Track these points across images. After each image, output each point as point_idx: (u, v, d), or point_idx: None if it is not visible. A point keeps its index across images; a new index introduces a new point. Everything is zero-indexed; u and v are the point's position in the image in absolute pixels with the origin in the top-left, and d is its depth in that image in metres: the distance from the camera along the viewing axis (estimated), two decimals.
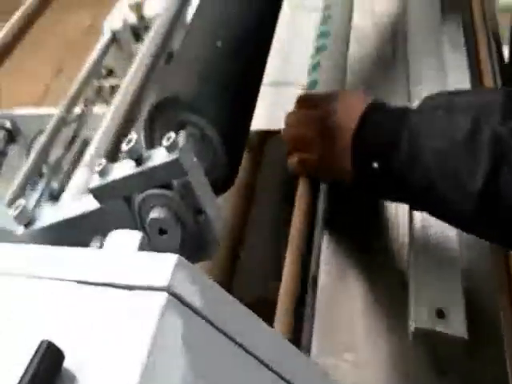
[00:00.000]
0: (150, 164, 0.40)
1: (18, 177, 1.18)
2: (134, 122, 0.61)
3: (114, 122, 0.57)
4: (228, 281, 0.64)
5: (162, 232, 0.42)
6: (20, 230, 0.46)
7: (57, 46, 2.99)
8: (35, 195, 1.30)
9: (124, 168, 0.41)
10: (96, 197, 0.43)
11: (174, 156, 0.39)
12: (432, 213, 0.61)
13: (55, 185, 1.31)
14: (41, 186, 1.30)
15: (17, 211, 0.44)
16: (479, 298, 0.64)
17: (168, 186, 0.41)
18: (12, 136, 1.55)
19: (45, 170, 1.31)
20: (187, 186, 0.40)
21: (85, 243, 0.44)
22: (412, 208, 0.66)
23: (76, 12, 2.90)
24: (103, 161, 0.42)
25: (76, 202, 0.47)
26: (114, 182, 0.42)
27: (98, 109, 1.46)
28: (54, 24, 2.62)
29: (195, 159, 0.41)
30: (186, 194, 0.41)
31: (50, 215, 0.46)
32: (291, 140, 0.66)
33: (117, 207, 0.43)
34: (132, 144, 0.40)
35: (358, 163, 0.60)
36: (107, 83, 1.46)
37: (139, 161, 0.41)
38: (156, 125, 0.47)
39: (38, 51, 2.48)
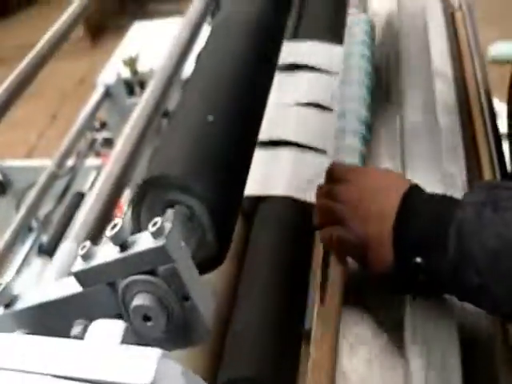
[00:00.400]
0: (135, 250, 0.39)
1: (7, 233, 1.17)
2: (124, 189, 0.59)
3: (102, 195, 0.55)
4: (215, 362, 0.62)
5: (146, 319, 0.40)
6: (0, 310, 0.44)
7: (51, 95, 3.00)
8: (24, 250, 1.28)
9: (108, 252, 0.40)
10: (79, 281, 0.42)
11: (159, 242, 0.38)
12: (475, 304, 0.59)
13: (45, 239, 1.30)
14: (30, 240, 1.29)
15: None
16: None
17: (153, 272, 0.39)
18: (3, 187, 1.55)
19: (34, 224, 1.30)
20: (173, 273, 0.39)
21: (68, 326, 0.43)
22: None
23: (71, 61, 2.93)
24: (87, 243, 0.41)
25: (59, 283, 0.45)
26: (97, 266, 0.40)
27: (90, 161, 1.46)
28: (49, 73, 2.64)
29: (182, 244, 0.39)
30: (171, 281, 0.39)
31: (31, 296, 0.45)
32: (324, 213, 0.65)
33: (100, 292, 0.42)
34: (117, 229, 0.38)
35: (399, 256, 0.59)
36: (100, 136, 1.47)
37: (124, 246, 0.39)
38: (144, 204, 0.45)
39: (32, 99, 2.49)
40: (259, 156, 0.77)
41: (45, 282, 0.49)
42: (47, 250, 1.26)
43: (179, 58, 0.79)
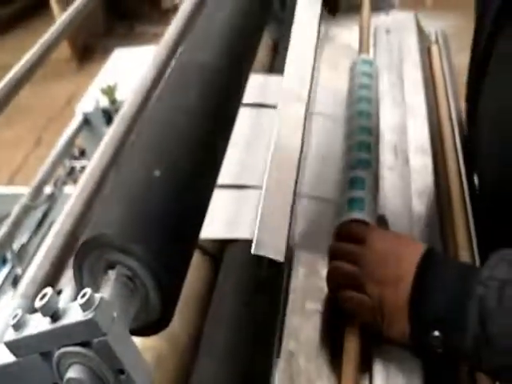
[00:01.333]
0: (65, 322, 0.37)
1: None
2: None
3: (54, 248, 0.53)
4: None
5: None
6: None
7: (37, 117, 2.99)
8: None
9: (39, 323, 0.38)
10: (11, 350, 0.40)
11: (88, 316, 0.36)
12: (496, 379, 0.60)
13: (19, 271, 1.27)
14: (4, 272, 1.27)
15: None
16: None
17: (87, 344, 0.37)
18: None
19: (9, 256, 1.27)
20: (105, 346, 0.37)
21: None
22: None
23: (57, 83, 2.93)
24: (19, 312, 0.39)
25: None
26: (28, 337, 0.38)
27: (68, 189, 1.44)
28: (35, 94, 2.62)
29: (115, 315, 0.37)
30: (104, 354, 0.37)
31: None
32: (339, 275, 0.65)
33: (34, 362, 0.40)
34: (46, 299, 0.37)
35: (415, 328, 0.59)
36: (79, 164, 1.45)
37: (54, 317, 0.37)
38: (84, 265, 0.43)
39: (18, 121, 2.48)
40: (227, 197, 0.75)
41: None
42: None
43: (150, 87, 0.77)
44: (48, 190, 1.42)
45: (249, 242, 0.73)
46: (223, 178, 0.58)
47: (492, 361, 0.54)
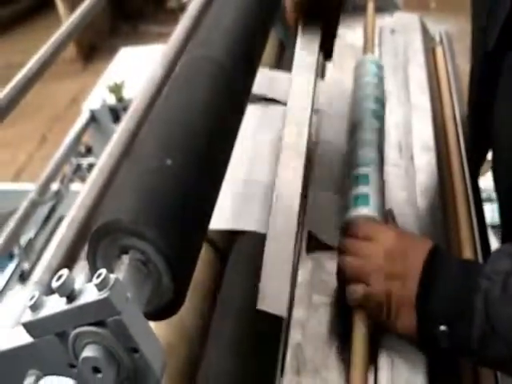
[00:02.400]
0: (81, 302, 0.38)
1: None
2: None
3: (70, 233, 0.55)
4: None
5: (95, 370, 0.40)
6: None
7: (42, 116, 3.01)
8: (5, 277, 1.27)
9: (55, 303, 0.39)
10: (28, 331, 0.41)
11: (103, 295, 0.37)
12: (504, 372, 0.62)
13: (26, 266, 1.29)
14: (11, 267, 1.28)
15: None
16: None
17: (102, 323, 0.39)
18: None
19: (16, 251, 1.28)
20: (119, 325, 0.38)
21: (21, 376, 0.43)
22: None
23: (63, 82, 2.94)
24: (36, 293, 0.40)
25: (13, 332, 0.44)
26: (45, 318, 0.39)
27: (75, 186, 1.46)
28: (41, 93, 2.64)
29: (129, 295, 0.38)
30: (119, 333, 0.38)
31: None
32: (348, 270, 0.66)
33: (50, 342, 0.41)
34: (62, 280, 0.38)
35: (422, 322, 0.60)
36: (85, 161, 1.47)
37: (70, 297, 0.38)
38: (98, 250, 0.44)
39: (23, 120, 2.49)
40: (234, 190, 0.76)
41: (6, 328, 0.48)
42: (28, 278, 1.25)
43: (158, 87, 0.78)
44: (55, 186, 1.43)
45: (255, 235, 0.75)
46: (231, 171, 0.59)
47: (497, 352, 0.54)
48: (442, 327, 0.57)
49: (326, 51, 0.88)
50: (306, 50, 0.82)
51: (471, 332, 0.55)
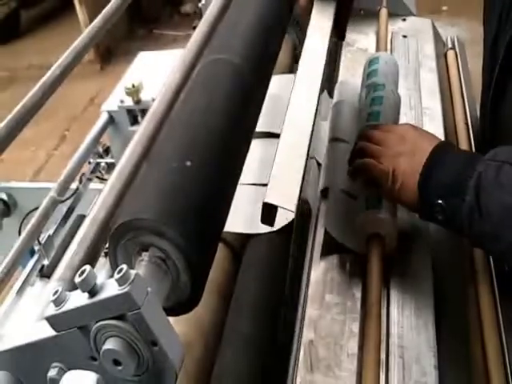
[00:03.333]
0: (102, 296, 0.40)
1: (8, 256, 1.18)
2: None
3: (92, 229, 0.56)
4: None
5: (116, 363, 0.41)
6: None
7: (61, 116, 3.05)
8: (25, 273, 1.29)
9: (78, 298, 0.41)
10: (51, 325, 0.43)
11: (124, 289, 0.39)
12: (485, 250, 0.70)
13: (46, 262, 1.31)
14: (31, 263, 1.30)
15: None
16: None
17: (122, 317, 0.40)
18: (8, 208, 1.56)
19: (36, 247, 1.31)
20: (140, 319, 0.40)
21: (45, 368, 0.45)
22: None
23: (81, 83, 2.97)
24: (59, 288, 0.42)
25: (37, 325, 0.46)
26: (67, 312, 0.41)
27: (93, 185, 1.48)
28: (59, 94, 2.67)
29: (149, 289, 0.40)
30: (139, 326, 0.40)
31: (12, 338, 0.46)
32: (358, 151, 0.73)
33: (73, 336, 0.43)
34: (84, 276, 0.40)
35: (422, 195, 0.66)
36: (103, 161, 1.49)
37: (92, 292, 0.40)
38: (119, 247, 0.46)
39: (42, 120, 2.53)
40: (248, 192, 0.78)
41: (28, 322, 0.50)
42: (48, 274, 1.27)
43: (177, 90, 0.80)
44: (73, 185, 1.45)
45: (268, 236, 0.76)
46: (246, 175, 0.60)
47: (483, 230, 0.60)
48: (439, 201, 0.63)
49: (340, 32, 0.90)
50: (318, 28, 0.83)
51: (462, 207, 0.61)
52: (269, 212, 0.59)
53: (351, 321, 0.70)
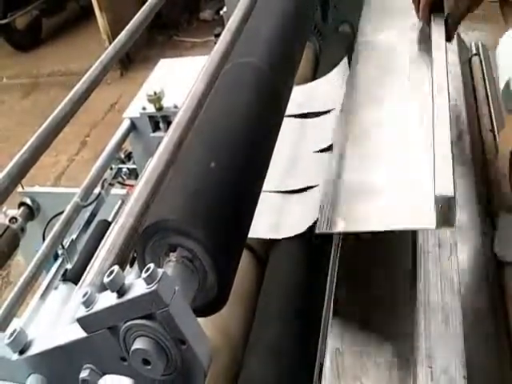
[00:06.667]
0: (130, 296, 0.40)
1: (33, 260, 1.20)
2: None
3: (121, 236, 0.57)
4: None
5: (145, 362, 0.42)
6: (15, 356, 0.46)
7: (82, 122, 3.08)
8: (49, 277, 1.31)
9: (107, 299, 0.41)
10: (82, 326, 0.43)
11: (152, 288, 0.39)
12: None
13: (69, 266, 1.32)
14: (55, 267, 1.32)
15: (11, 338, 0.45)
16: None
17: (151, 317, 0.41)
18: (32, 212, 1.58)
19: (60, 251, 1.32)
20: (168, 317, 0.40)
21: (76, 370, 0.45)
22: None
23: (102, 90, 3.00)
24: (88, 290, 0.43)
25: (69, 328, 0.47)
26: (97, 312, 0.42)
27: (115, 190, 1.50)
28: None
29: (177, 288, 0.41)
30: (167, 325, 0.41)
31: (43, 341, 0.47)
32: None
33: (103, 336, 0.43)
34: (113, 276, 0.40)
35: None
36: (125, 167, 1.50)
37: (121, 292, 0.41)
38: (147, 248, 0.47)
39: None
40: (271, 199, 0.78)
41: (61, 326, 0.51)
42: (71, 277, 1.28)
43: (202, 97, 0.81)
44: (96, 190, 1.46)
45: (292, 241, 0.76)
46: (269, 183, 0.60)
47: None
48: None
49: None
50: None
51: None
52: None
53: None
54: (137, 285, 0.40)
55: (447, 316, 0.67)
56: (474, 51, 1.17)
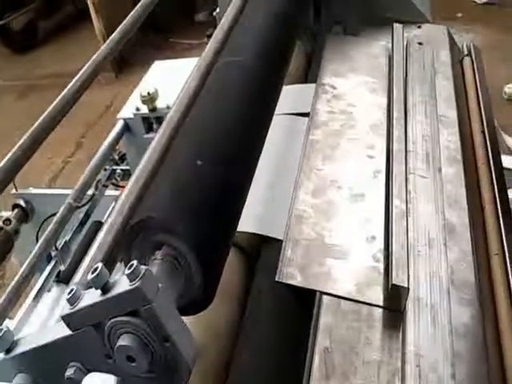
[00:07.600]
0: (114, 292, 0.40)
1: (26, 261, 1.19)
2: None
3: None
4: None
5: (130, 359, 0.42)
6: (1, 355, 0.47)
7: (77, 123, 3.08)
8: (42, 278, 1.30)
9: (91, 296, 0.42)
10: (67, 324, 0.43)
11: (135, 284, 0.39)
12: None
13: (62, 267, 1.32)
14: (49, 268, 1.32)
15: None
16: None
17: (135, 314, 0.41)
18: (26, 214, 1.58)
19: (53, 253, 1.32)
20: (151, 314, 0.40)
21: (62, 368, 0.46)
22: None
23: (96, 91, 3.00)
24: (74, 287, 0.43)
25: (54, 326, 0.47)
26: (81, 309, 0.42)
27: (109, 192, 1.49)
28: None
29: (160, 285, 0.41)
30: (151, 321, 0.41)
31: (29, 340, 0.47)
32: None
33: (88, 333, 0.43)
34: (97, 273, 0.40)
35: None
36: (119, 168, 1.50)
37: (105, 289, 0.41)
38: (133, 246, 0.47)
39: (59, 126, 2.55)
40: (263, 194, 0.78)
41: (45, 325, 0.51)
42: (65, 279, 1.28)
43: (193, 96, 0.81)
44: (90, 192, 1.46)
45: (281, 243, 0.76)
46: (258, 181, 0.61)
47: None
48: None
49: None
50: None
51: None
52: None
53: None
54: (120, 282, 0.41)
55: (435, 314, 0.68)
56: (466, 52, 1.18)
